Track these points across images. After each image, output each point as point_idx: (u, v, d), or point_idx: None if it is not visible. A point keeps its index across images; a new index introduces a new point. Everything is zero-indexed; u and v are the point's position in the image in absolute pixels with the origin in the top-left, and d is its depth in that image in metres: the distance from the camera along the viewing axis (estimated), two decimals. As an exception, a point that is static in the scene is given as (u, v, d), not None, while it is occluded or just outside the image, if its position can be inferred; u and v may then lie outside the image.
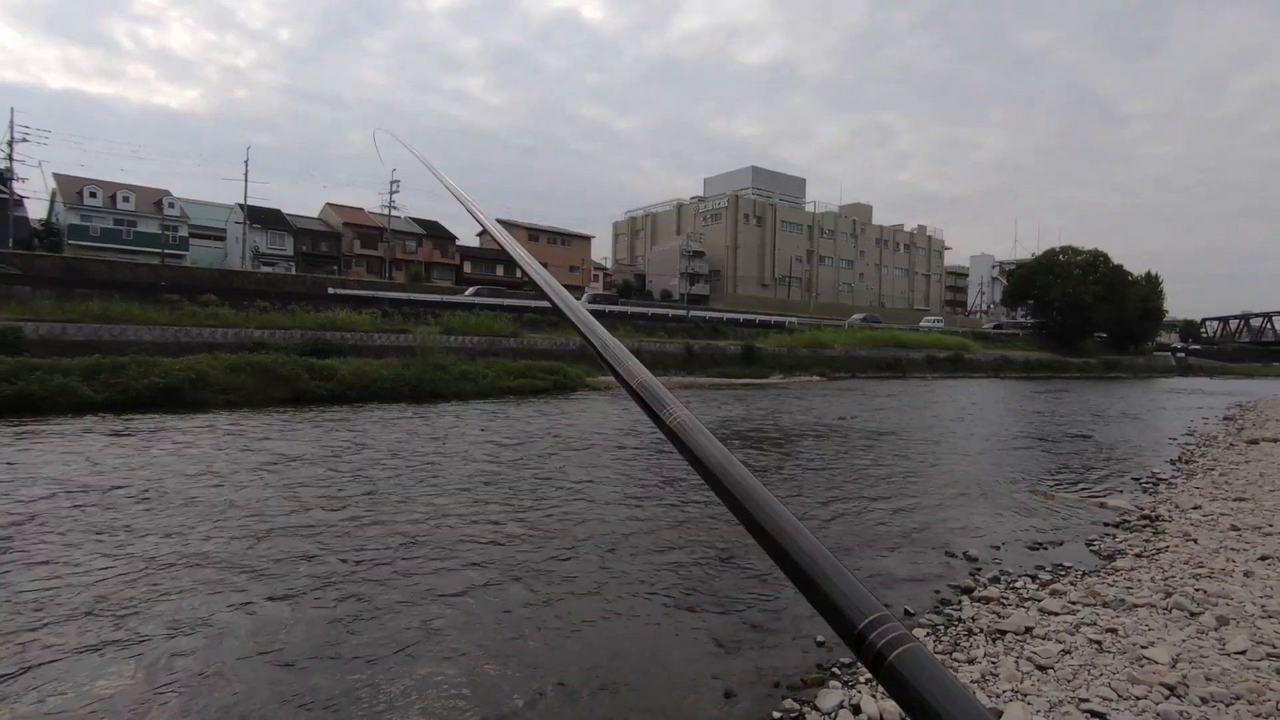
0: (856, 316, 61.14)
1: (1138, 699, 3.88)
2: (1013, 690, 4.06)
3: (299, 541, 6.97)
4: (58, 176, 50.89)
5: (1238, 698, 3.85)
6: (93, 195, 49.86)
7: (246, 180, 50.08)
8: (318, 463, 10.90)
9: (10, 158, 42.96)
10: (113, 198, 50.51)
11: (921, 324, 65.65)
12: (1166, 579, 6.00)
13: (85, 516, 7.54)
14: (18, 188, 44.24)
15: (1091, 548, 7.57)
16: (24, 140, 43.72)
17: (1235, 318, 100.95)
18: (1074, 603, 5.53)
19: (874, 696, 4.08)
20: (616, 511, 8.57)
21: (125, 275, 34.15)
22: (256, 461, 10.87)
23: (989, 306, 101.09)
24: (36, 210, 53.01)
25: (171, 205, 52.80)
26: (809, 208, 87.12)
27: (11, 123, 42.91)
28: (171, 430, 13.58)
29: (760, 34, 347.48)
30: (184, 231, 53.35)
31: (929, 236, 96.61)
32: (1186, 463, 13.78)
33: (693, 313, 49.76)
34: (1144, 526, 8.33)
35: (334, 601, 5.52)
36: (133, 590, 5.58)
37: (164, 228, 51.16)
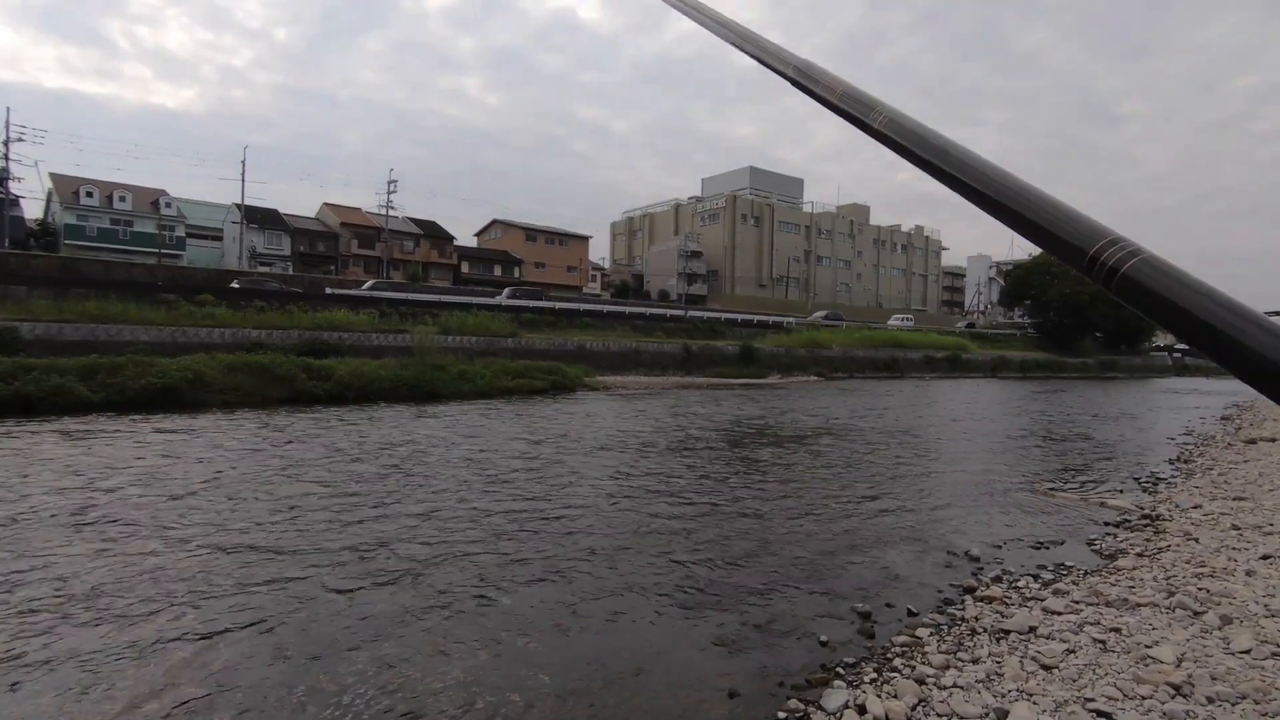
0: (818, 314, 59.97)
1: (1144, 698, 3.87)
2: (1018, 690, 4.05)
3: (300, 540, 6.93)
4: (54, 176, 50.73)
5: (1244, 697, 3.84)
6: (89, 195, 49.72)
7: (244, 180, 50.09)
8: (318, 463, 10.86)
9: (6, 157, 42.79)
10: (109, 197, 50.38)
11: (890, 322, 62.82)
12: (1169, 578, 6.00)
13: (119, 512, 7.50)
14: (13, 187, 44.09)
15: (1093, 547, 7.57)
16: (20, 140, 43.58)
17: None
18: (1077, 602, 5.52)
19: (879, 696, 4.06)
20: (618, 511, 8.55)
21: (121, 275, 34.07)
22: (253, 462, 10.83)
23: (986, 307, 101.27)
24: (32, 210, 52.88)
25: (168, 205, 52.67)
26: (807, 208, 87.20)
27: (7, 122, 42.77)
28: (173, 430, 13.52)
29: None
30: (181, 231, 53.23)
31: (926, 237, 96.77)
32: (1185, 462, 13.81)
33: (691, 313, 49.78)
34: (1145, 526, 8.34)
35: (335, 600, 5.49)
36: (142, 588, 5.55)
37: (161, 227, 51.01)
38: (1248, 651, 4.40)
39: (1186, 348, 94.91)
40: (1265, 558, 6.46)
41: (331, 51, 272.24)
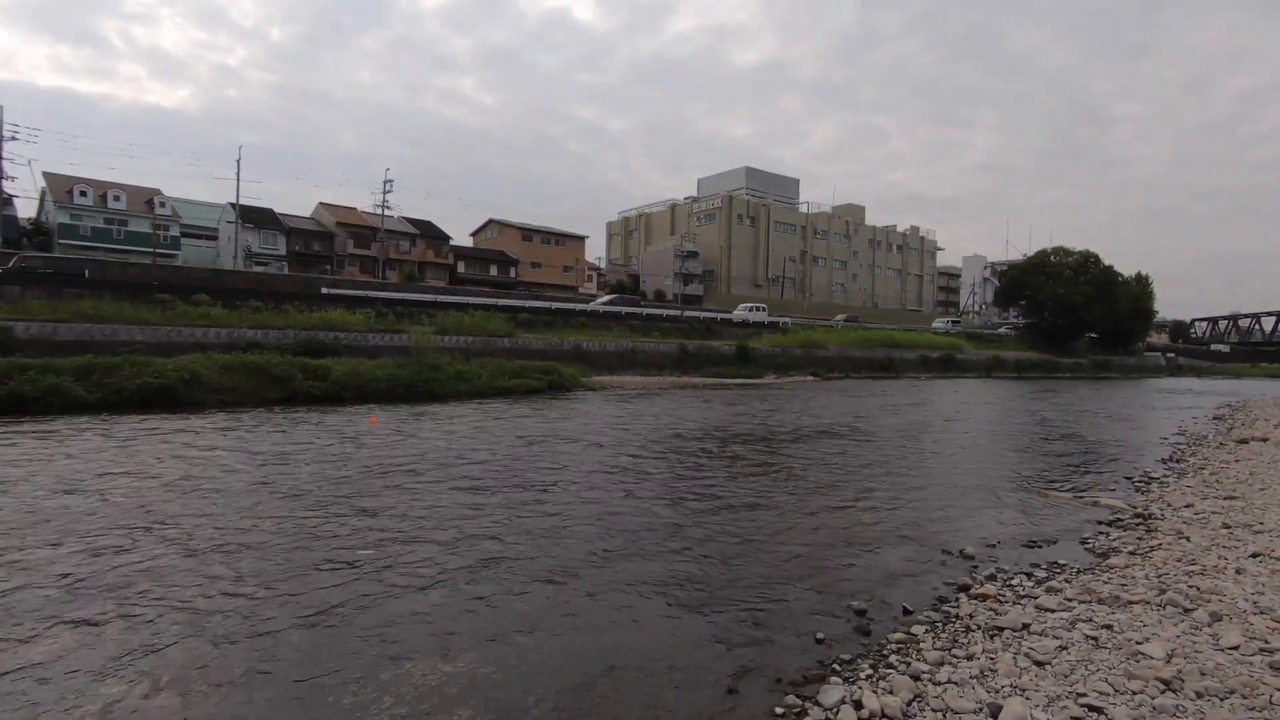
0: (602, 299, 51.29)
1: (1134, 694, 3.93)
2: (1011, 685, 4.11)
3: (295, 539, 6.96)
4: (47, 175, 50.55)
5: (1232, 692, 3.91)
6: (83, 194, 49.52)
7: (239, 179, 49.92)
8: (315, 463, 10.87)
9: (0, 156, 42.57)
10: (103, 197, 50.18)
11: (735, 312, 53.66)
12: (1160, 576, 6.08)
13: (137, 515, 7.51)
14: (7, 186, 43.87)
15: (1086, 546, 7.65)
16: (13, 139, 43.38)
17: (1224, 318, 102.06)
18: (1070, 600, 5.59)
19: (875, 692, 4.12)
20: (616, 510, 8.59)
21: (115, 275, 33.95)
22: (250, 461, 10.84)
23: (981, 307, 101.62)
24: (26, 209, 52.69)
25: (163, 205, 52.49)
26: (802, 208, 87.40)
27: (0, 120, 42.52)
28: (172, 431, 13.51)
29: (752, 35, 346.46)
30: (175, 231, 53.04)
31: (921, 237, 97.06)
32: (1178, 462, 13.92)
33: (687, 313, 49.84)
34: (1137, 524, 8.42)
35: (333, 599, 5.52)
36: (142, 589, 5.58)
37: (155, 227, 50.84)
38: (1236, 648, 4.47)
39: (1179, 348, 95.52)
40: (1255, 556, 6.54)
41: (327, 51, 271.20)
